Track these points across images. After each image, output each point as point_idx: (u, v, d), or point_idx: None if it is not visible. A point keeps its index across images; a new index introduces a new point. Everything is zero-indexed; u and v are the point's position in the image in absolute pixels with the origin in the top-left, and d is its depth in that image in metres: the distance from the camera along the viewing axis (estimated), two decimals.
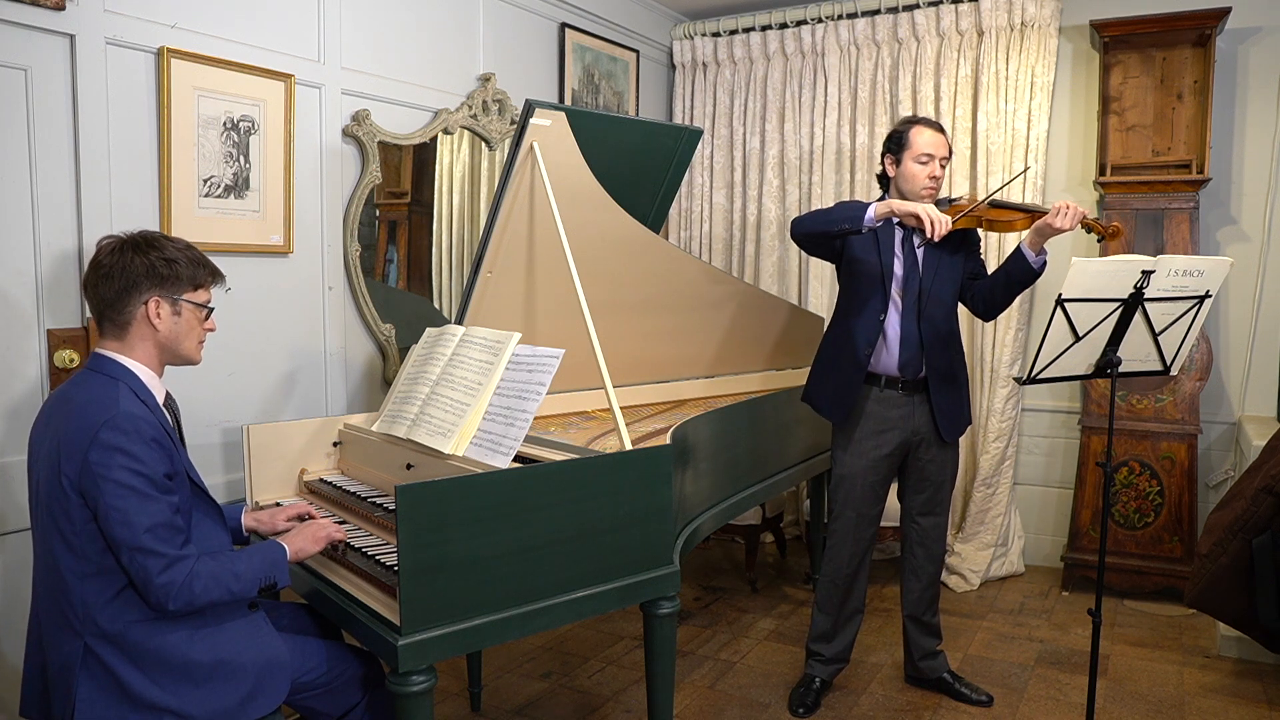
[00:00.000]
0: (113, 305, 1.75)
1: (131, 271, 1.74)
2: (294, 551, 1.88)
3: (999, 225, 2.73)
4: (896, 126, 2.85)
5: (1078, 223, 2.55)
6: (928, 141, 2.76)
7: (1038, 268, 2.66)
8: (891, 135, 2.84)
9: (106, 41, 2.40)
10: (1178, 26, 3.73)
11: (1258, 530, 2.83)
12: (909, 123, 2.82)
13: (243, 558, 1.77)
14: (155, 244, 1.79)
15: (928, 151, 2.75)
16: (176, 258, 1.79)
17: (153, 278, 1.75)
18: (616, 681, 3.15)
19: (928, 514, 2.96)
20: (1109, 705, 2.97)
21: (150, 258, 1.76)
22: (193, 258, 1.83)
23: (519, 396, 2.10)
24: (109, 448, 1.62)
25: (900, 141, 2.79)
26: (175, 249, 1.80)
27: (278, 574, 1.81)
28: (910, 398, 2.84)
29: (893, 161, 2.82)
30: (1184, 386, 3.85)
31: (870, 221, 2.60)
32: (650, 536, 2.15)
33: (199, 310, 1.84)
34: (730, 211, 4.76)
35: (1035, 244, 2.64)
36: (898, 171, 2.81)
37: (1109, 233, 2.60)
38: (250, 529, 2.13)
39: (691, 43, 4.77)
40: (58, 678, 1.69)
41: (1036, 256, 2.65)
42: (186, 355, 1.85)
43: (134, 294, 1.75)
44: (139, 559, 1.62)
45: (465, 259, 3.51)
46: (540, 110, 2.41)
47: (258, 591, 1.77)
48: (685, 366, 3.41)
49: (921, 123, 2.80)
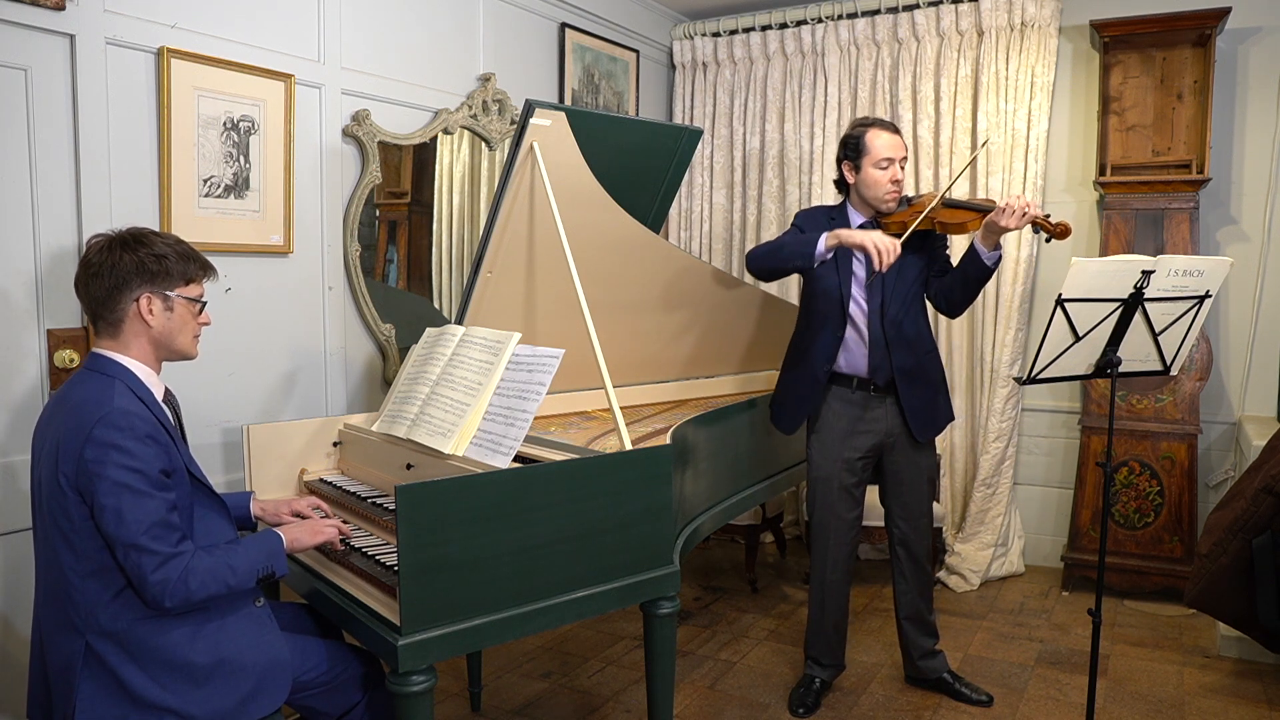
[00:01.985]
0: (104, 304, 1.75)
1: (121, 269, 1.73)
2: (290, 541, 1.87)
3: (952, 228, 2.69)
4: (850, 131, 2.79)
5: (1026, 222, 2.51)
6: (885, 145, 2.71)
7: (992, 264, 2.63)
8: (846, 141, 2.78)
9: (106, 41, 2.40)
10: (1178, 26, 3.73)
11: (1258, 530, 2.83)
12: (863, 126, 2.76)
13: (239, 550, 1.76)
14: (144, 240, 1.78)
15: (887, 155, 2.71)
16: (165, 253, 1.78)
17: (143, 274, 1.75)
18: (616, 681, 3.15)
19: (906, 517, 2.95)
20: (1109, 705, 2.97)
21: (139, 254, 1.75)
22: (182, 252, 1.81)
23: (519, 396, 2.10)
24: (103, 444, 1.62)
25: (857, 147, 2.74)
26: (164, 244, 1.79)
27: (275, 563, 1.81)
28: (882, 399, 2.84)
29: (851, 168, 2.77)
30: (1184, 386, 3.85)
31: (821, 256, 2.59)
32: (650, 536, 2.15)
33: (192, 305, 1.83)
34: (730, 211, 4.76)
35: (988, 241, 2.60)
36: (857, 178, 2.77)
37: (1057, 232, 2.52)
38: (257, 516, 2.14)
39: (691, 43, 4.77)
40: (59, 677, 1.69)
41: (990, 253, 2.62)
42: (182, 350, 1.85)
43: (125, 291, 1.74)
44: (133, 556, 1.62)
45: (465, 259, 3.51)
46: (540, 110, 2.41)
47: (255, 582, 1.77)
48: (685, 366, 3.41)
49: (876, 125, 2.74)
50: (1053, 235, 2.55)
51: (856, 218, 2.83)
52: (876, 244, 2.47)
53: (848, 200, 2.87)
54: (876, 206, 2.78)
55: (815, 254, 2.59)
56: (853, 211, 2.84)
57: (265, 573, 1.79)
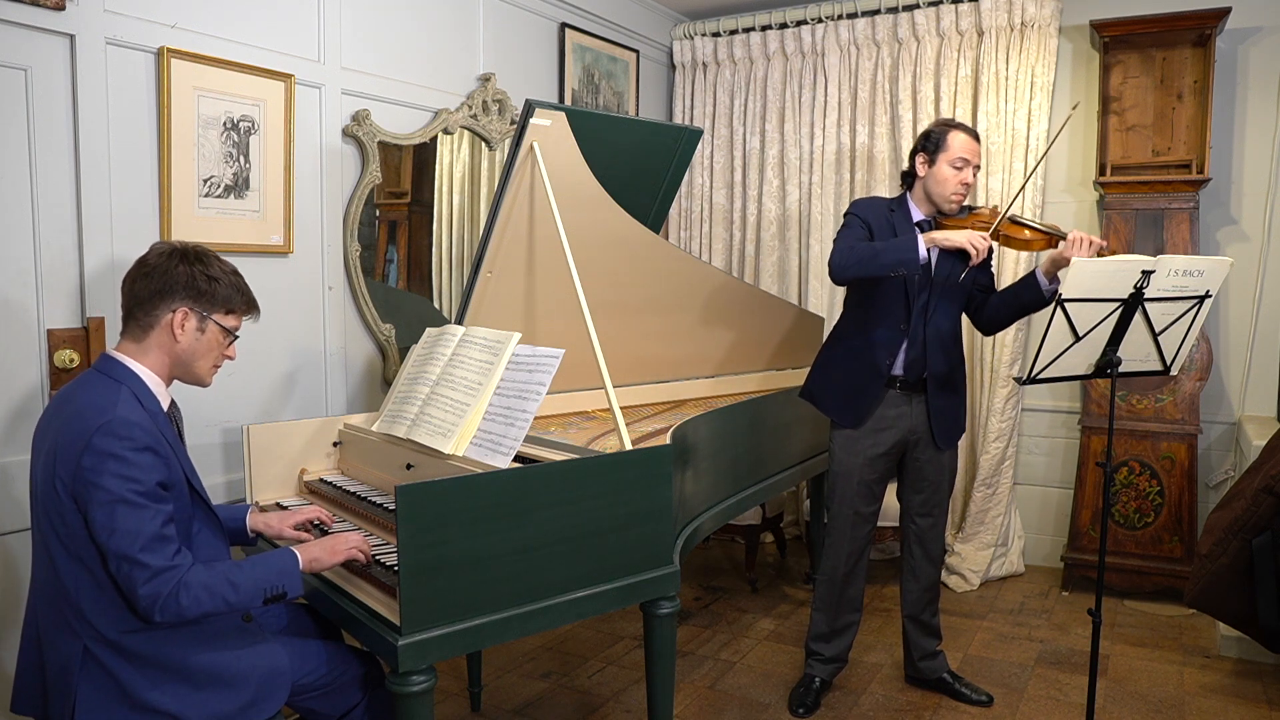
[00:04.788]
0: (143, 304, 1.75)
1: (172, 277, 1.74)
2: (307, 561, 1.80)
3: (1015, 243, 2.72)
4: (933, 127, 2.80)
5: (1094, 253, 2.53)
6: (964, 145, 2.72)
7: (1049, 297, 2.65)
8: (927, 135, 2.78)
9: (106, 41, 2.40)
10: (1178, 26, 3.73)
11: (1258, 530, 2.83)
12: (946, 125, 2.77)
13: (245, 567, 1.72)
14: (204, 259, 1.80)
15: (964, 156, 2.71)
16: (220, 276, 1.80)
17: (190, 289, 1.76)
18: (616, 681, 3.15)
19: (925, 514, 2.96)
20: (1109, 705, 2.97)
21: (194, 269, 1.76)
22: (235, 283, 1.83)
23: (519, 396, 2.10)
24: (101, 453, 1.60)
25: (937, 143, 2.74)
26: (221, 269, 1.81)
27: (287, 583, 1.74)
28: (909, 398, 2.84)
29: (925, 161, 2.77)
30: (1184, 386, 3.85)
31: (924, 260, 2.60)
32: (650, 536, 2.15)
33: (224, 335, 1.83)
34: (730, 211, 4.75)
35: (1049, 271, 2.63)
36: (929, 172, 2.76)
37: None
38: (256, 530, 2.08)
39: (691, 43, 4.77)
40: (56, 678, 1.68)
41: (1049, 284, 2.64)
42: (198, 376, 1.84)
43: (166, 299, 1.75)
44: (125, 568, 1.59)
45: (465, 259, 3.51)
46: (540, 110, 2.41)
47: (263, 602, 1.71)
48: (685, 366, 3.41)
49: (959, 127, 2.75)
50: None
51: (916, 214, 2.82)
52: (974, 240, 2.54)
53: (909, 194, 2.85)
54: (940, 205, 2.77)
55: (920, 259, 2.58)
56: (913, 206, 2.83)
57: (274, 593, 1.72)
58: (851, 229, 2.77)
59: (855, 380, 2.86)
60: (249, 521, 2.08)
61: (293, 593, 1.76)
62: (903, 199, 2.86)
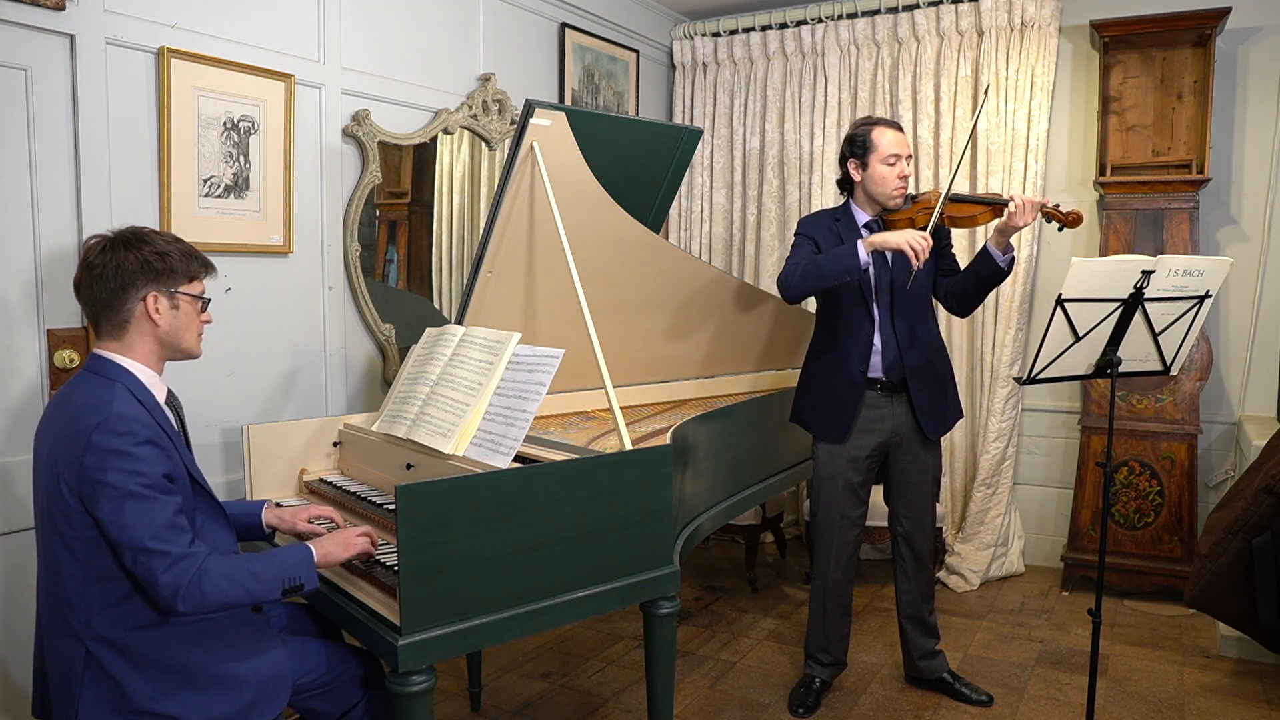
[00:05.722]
0: (109, 305, 1.72)
1: (126, 269, 1.71)
2: (322, 555, 1.81)
3: (962, 221, 2.70)
4: (854, 129, 2.80)
5: (1037, 215, 2.55)
6: (892, 141, 2.72)
7: (1006, 266, 2.66)
8: (852, 139, 2.78)
9: (106, 41, 2.40)
10: (1178, 26, 3.73)
11: (1258, 530, 2.83)
12: (868, 124, 2.77)
13: (264, 557, 1.72)
14: (145, 239, 1.76)
15: (894, 152, 2.72)
16: (168, 250, 1.76)
17: (148, 273, 1.73)
18: (616, 681, 3.15)
19: (910, 516, 2.95)
20: (1109, 705, 2.97)
21: (143, 253, 1.73)
22: (184, 250, 1.80)
23: (519, 396, 2.10)
24: (103, 451, 1.59)
25: (864, 144, 2.74)
26: (165, 242, 1.78)
27: (303, 575, 1.74)
28: (890, 398, 2.84)
29: (858, 166, 2.77)
30: (1184, 386, 3.85)
31: (865, 264, 2.59)
32: (650, 536, 2.15)
33: (195, 302, 1.82)
34: (730, 211, 4.76)
35: (1000, 243, 2.63)
36: (864, 175, 2.77)
37: (1069, 220, 2.55)
38: (271, 525, 2.10)
39: (691, 43, 4.77)
40: (59, 681, 1.68)
41: (1003, 255, 2.64)
42: (187, 349, 1.83)
43: (131, 291, 1.72)
44: (142, 560, 1.58)
45: (465, 259, 3.51)
46: (540, 110, 2.41)
47: (281, 593, 1.71)
48: (685, 366, 3.41)
49: (881, 123, 2.75)
50: (1065, 224, 2.56)
51: (862, 216, 2.83)
52: (911, 242, 2.50)
53: (851, 200, 2.86)
54: (884, 203, 2.78)
55: (861, 264, 2.58)
56: (857, 210, 2.84)
57: (292, 584, 1.72)
58: (799, 248, 2.79)
59: (834, 392, 2.86)
60: (264, 517, 2.09)
61: (309, 585, 1.76)
62: (846, 206, 2.87)
